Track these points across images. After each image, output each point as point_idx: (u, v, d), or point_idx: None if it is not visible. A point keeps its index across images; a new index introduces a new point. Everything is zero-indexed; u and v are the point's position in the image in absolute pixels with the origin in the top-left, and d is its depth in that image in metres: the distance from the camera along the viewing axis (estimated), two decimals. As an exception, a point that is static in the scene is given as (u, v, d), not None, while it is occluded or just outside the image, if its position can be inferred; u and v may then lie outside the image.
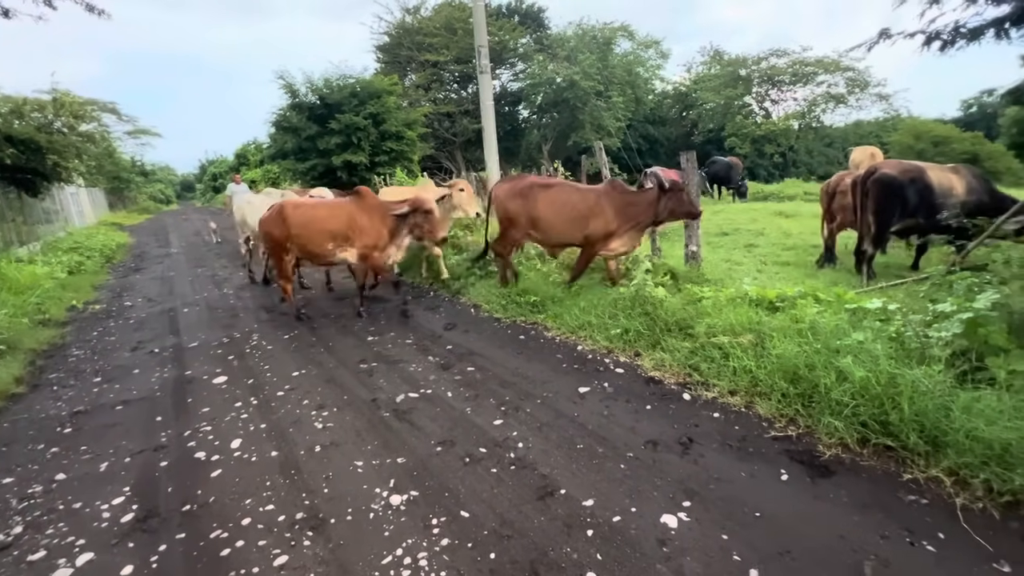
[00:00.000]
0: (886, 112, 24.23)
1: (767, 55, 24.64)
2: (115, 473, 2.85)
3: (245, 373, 4.21)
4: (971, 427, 2.23)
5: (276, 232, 5.36)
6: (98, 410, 3.69)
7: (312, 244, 5.31)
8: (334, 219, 5.27)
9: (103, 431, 3.36)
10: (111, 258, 11.75)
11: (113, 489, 2.69)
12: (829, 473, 2.40)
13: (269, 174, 25.33)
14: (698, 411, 3.06)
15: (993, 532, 1.97)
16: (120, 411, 3.66)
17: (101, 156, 14.52)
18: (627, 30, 27.90)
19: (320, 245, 5.30)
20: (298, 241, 5.32)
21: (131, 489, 2.68)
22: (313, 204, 5.65)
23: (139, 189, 38.02)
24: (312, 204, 5.65)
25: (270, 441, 3.08)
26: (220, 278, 8.61)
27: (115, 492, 2.66)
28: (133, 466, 2.91)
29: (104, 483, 2.75)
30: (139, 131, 17.33)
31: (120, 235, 16.49)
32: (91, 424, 3.47)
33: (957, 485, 2.20)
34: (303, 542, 2.20)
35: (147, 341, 5.31)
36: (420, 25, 25.00)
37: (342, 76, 14.13)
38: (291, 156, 14.30)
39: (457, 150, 26.47)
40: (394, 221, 5.16)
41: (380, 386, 3.78)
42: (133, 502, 2.56)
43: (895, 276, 5.73)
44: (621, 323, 4.18)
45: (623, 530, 2.14)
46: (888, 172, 5.28)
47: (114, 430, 3.37)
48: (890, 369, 2.60)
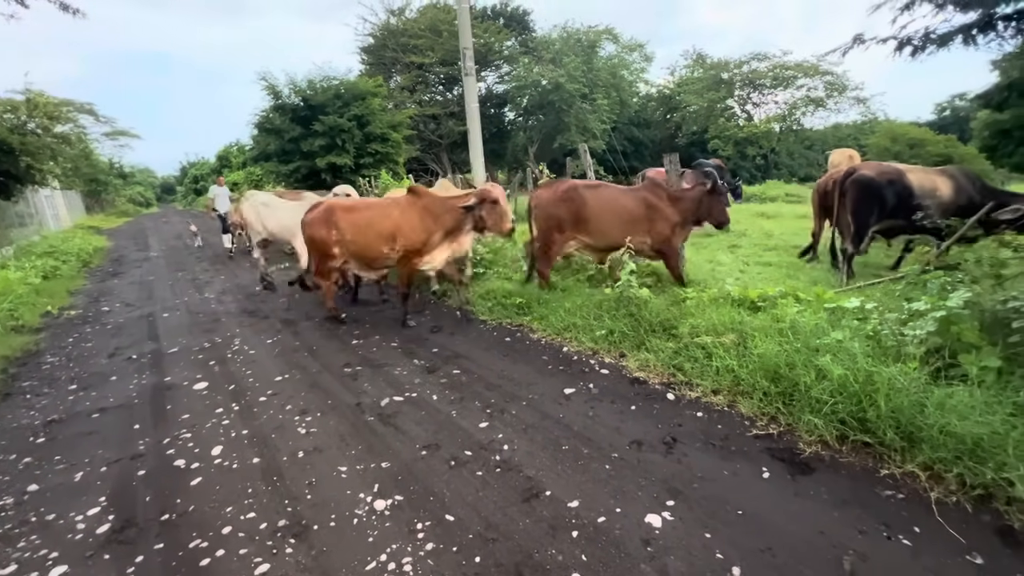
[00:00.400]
0: (863, 115, 24.83)
1: (748, 59, 25.08)
2: (91, 483, 2.78)
3: (226, 379, 4.15)
4: (945, 423, 2.29)
5: (323, 234, 5.00)
6: (73, 418, 3.60)
7: (367, 247, 4.97)
8: (388, 219, 4.90)
9: (78, 440, 3.28)
10: (88, 262, 11.48)
11: (88, 499, 2.62)
12: (809, 470, 2.44)
13: (252, 176, 25.00)
14: (682, 411, 3.09)
15: (966, 525, 2.02)
16: (96, 419, 3.57)
17: (77, 158, 14.18)
18: (611, 33, 28.14)
19: (375, 248, 4.95)
20: (351, 246, 4.98)
21: (107, 499, 2.61)
22: (366, 204, 5.33)
23: (117, 192, 37.19)
24: (364, 204, 5.33)
25: (252, 447, 3.03)
26: (201, 282, 8.46)
27: (90, 502, 2.59)
28: (109, 475, 2.84)
29: (79, 493, 2.68)
30: (117, 132, 17.00)
31: (97, 239, 16.12)
32: (66, 433, 3.39)
33: (932, 479, 2.25)
34: (285, 550, 2.17)
35: (125, 347, 5.20)
36: (405, 27, 24.91)
37: (326, 77, 14.04)
38: (274, 158, 14.15)
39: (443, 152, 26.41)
40: (459, 215, 4.77)
41: (365, 390, 3.74)
42: (109, 512, 2.50)
43: (873, 275, 5.86)
44: (606, 324, 4.21)
45: (608, 530, 2.15)
46: (866, 173, 5.39)
47: (90, 439, 3.28)
48: (867, 367, 2.65)
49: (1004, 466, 2.09)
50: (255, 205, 7.39)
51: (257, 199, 7.49)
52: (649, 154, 29.49)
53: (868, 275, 5.88)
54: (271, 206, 7.28)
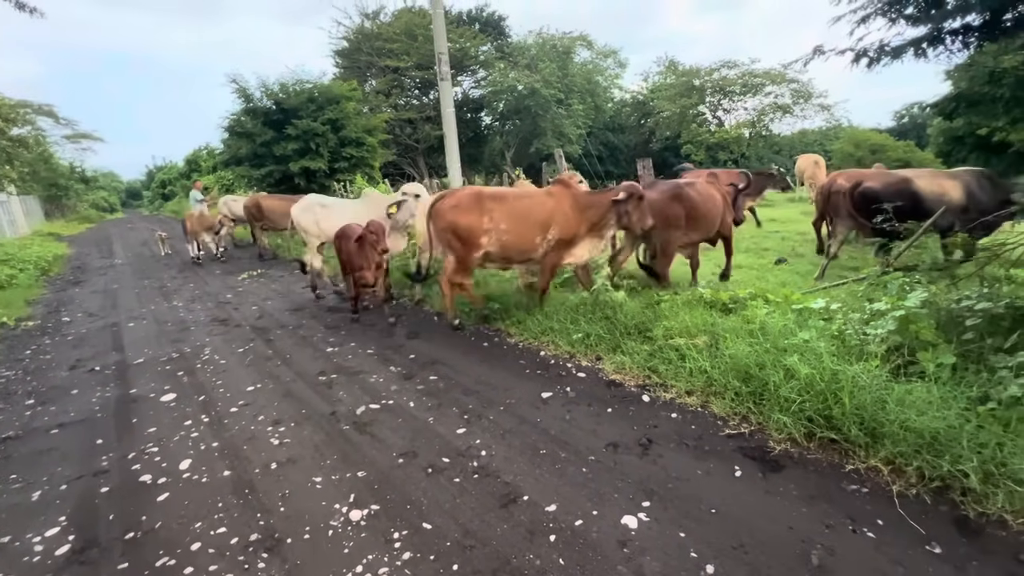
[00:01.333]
0: (828, 122, 25.70)
1: (719, 66, 25.72)
2: (49, 502, 2.66)
3: (196, 390, 4.03)
4: (905, 418, 2.39)
5: (473, 221, 4.55)
6: (30, 435, 3.44)
7: (521, 237, 4.64)
8: (544, 208, 4.67)
9: (36, 457, 3.13)
10: (47, 271, 11.00)
11: (47, 519, 2.50)
12: (779, 467, 2.51)
13: (223, 180, 24.40)
14: (657, 412, 3.14)
15: (925, 516, 2.11)
16: (56, 435, 3.42)
17: (35, 162, 13.65)
18: (586, 40, 28.55)
19: (529, 238, 4.65)
20: (504, 235, 4.61)
21: (67, 519, 2.50)
22: (513, 192, 5.06)
23: (79, 197, 35.76)
24: (512, 192, 5.06)
25: (222, 460, 2.95)
26: (169, 290, 8.21)
27: (49, 523, 2.48)
28: (70, 494, 2.72)
29: (37, 513, 2.56)
30: (79, 135, 16.44)
31: (58, 246, 15.46)
32: (22, 450, 3.23)
33: (893, 473, 2.34)
34: (257, 564, 2.12)
35: (87, 359, 5.00)
36: (380, 30, 24.76)
37: (299, 81, 13.85)
38: (245, 162, 13.87)
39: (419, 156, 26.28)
40: (606, 208, 4.67)
41: (340, 398, 3.69)
42: (69, 533, 2.40)
43: (838, 276, 6.07)
44: (582, 328, 4.24)
45: (585, 533, 2.16)
46: (871, 185, 5.47)
47: (49, 456, 3.14)
48: (832, 366, 2.75)
49: (959, 458, 2.19)
50: (310, 207, 6.74)
51: (312, 201, 6.90)
52: (624, 159, 29.93)
53: (833, 276, 6.09)
54: (330, 207, 6.71)
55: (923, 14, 2.73)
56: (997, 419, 2.29)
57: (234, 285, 8.25)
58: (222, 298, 7.32)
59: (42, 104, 12.97)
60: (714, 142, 25.26)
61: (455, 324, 5.00)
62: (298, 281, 8.26)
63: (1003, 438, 2.20)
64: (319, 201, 6.94)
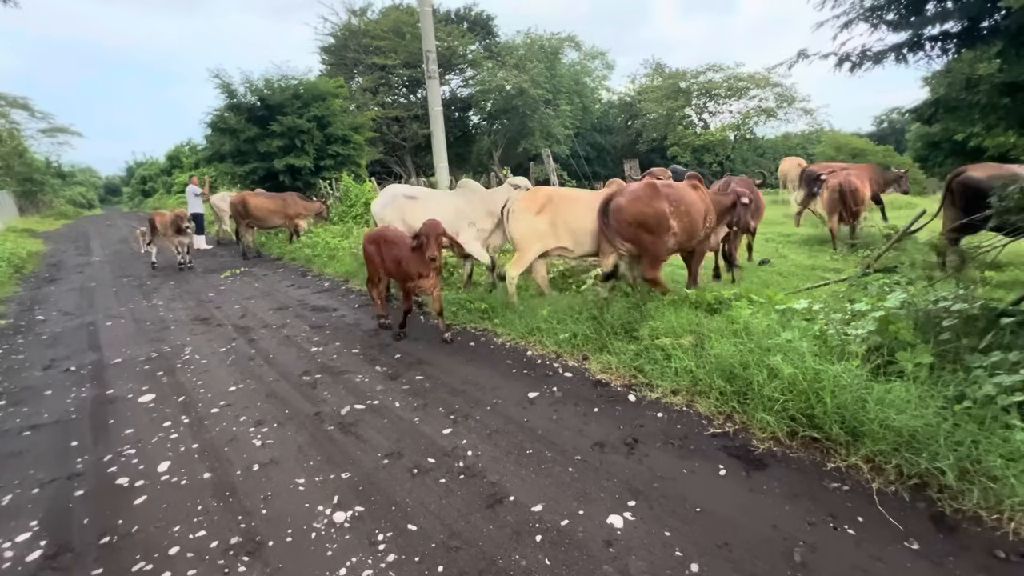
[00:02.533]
0: (811, 126, 26.19)
1: (704, 70, 26.05)
2: (21, 506, 2.57)
3: (175, 390, 3.94)
4: (884, 417, 2.43)
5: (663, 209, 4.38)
6: (1, 437, 3.33)
7: (693, 226, 4.63)
8: (702, 200, 4.76)
9: (6, 460, 3.03)
10: (20, 268, 10.67)
11: (18, 524, 2.43)
12: (763, 466, 2.54)
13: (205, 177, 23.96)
14: (643, 412, 3.16)
15: (904, 513, 2.15)
16: (28, 437, 3.32)
17: (9, 156, 13.27)
18: (574, 41, 28.65)
19: (698, 228, 4.70)
20: (684, 225, 4.53)
21: (40, 523, 2.43)
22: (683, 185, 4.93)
23: (55, 192, 34.83)
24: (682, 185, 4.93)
25: (203, 462, 2.89)
26: (148, 288, 8.03)
27: (20, 527, 2.40)
28: (42, 498, 2.64)
29: (7, 518, 2.48)
30: (56, 129, 16.04)
31: (32, 242, 15.05)
32: (-8, 453, 3.13)
33: (873, 471, 2.38)
34: (238, 568, 2.08)
35: (62, 358, 4.86)
36: (367, 28, 24.56)
37: (284, 77, 13.65)
38: (229, 159, 13.62)
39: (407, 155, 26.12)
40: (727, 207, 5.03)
41: (324, 399, 3.64)
42: (42, 538, 2.32)
43: (820, 278, 6.17)
44: (569, 327, 4.25)
45: (571, 533, 2.16)
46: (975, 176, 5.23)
47: (20, 459, 3.05)
48: (815, 365, 2.79)
49: (936, 456, 2.23)
50: (394, 199, 6.00)
51: (397, 192, 6.17)
52: (611, 159, 30.13)
53: (815, 278, 6.19)
54: (420, 198, 6.03)
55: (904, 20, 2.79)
56: (972, 417, 2.34)
57: (216, 284, 8.10)
58: (203, 297, 7.19)
59: (16, 96, 12.64)
60: (700, 144, 25.56)
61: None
62: (281, 280, 8.15)
63: (978, 436, 2.25)
64: (405, 192, 6.13)
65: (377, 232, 4.93)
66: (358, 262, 7.83)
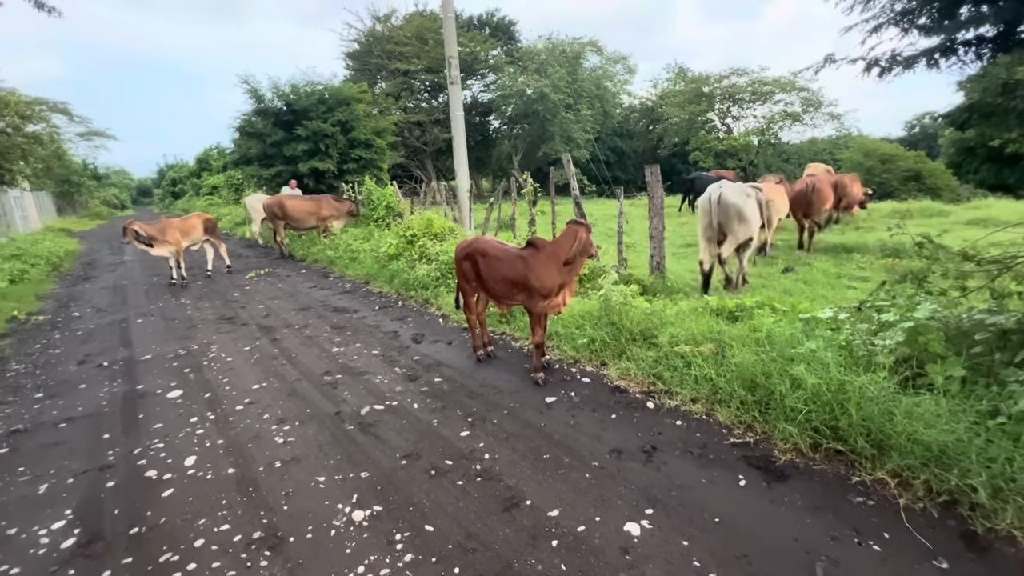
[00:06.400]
0: (838, 130, 25.54)
1: (728, 74, 25.66)
2: (56, 495, 2.68)
3: (202, 387, 4.05)
4: (912, 431, 2.36)
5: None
6: (39, 428, 3.48)
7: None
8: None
9: (44, 451, 3.16)
10: (58, 266, 11.13)
11: (53, 512, 2.53)
12: (784, 477, 2.49)
13: (232, 180, 24.63)
14: (661, 419, 3.13)
15: (933, 530, 2.08)
16: (63, 429, 3.46)
17: (49, 158, 13.81)
18: (596, 45, 28.61)
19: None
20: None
21: (73, 512, 2.53)
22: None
23: (91, 193, 36.19)
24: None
25: (227, 457, 2.97)
26: (177, 287, 8.27)
27: (55, 516, 2.50)
28: (76, 487, 2.75)
29: (43, 506, 2.58)
30: (92, 133, 16.63)
31: (69, 241, 15.66)
32: (30, 443, 3.27)
33: (900, 486, 2.31)
34: (260, 562, 2.13)
35: (95, 354, 5.04)
36: (391, 34, 24.96)
37: (310, 82, 13.95)
38: (255, 162, 13.97)
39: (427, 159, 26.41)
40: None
41: (344, 399, 3.70)
42: (75, 526, 2.42)
43: (846, 286, 6.02)
44: (588, 333, 4.23)
45: (587, 539, 2.16)
46: None
47: (56, 449, 3.17)
48: (839, 376, 2.72)
49: (968, 473, 2.16)
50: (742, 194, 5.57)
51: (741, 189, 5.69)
52: (632, 164, 29.93)
53: (841, 285, 6.05)
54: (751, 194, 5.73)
55: (936, 25, 2.72)
56: (1007, 433, 2.26)
57: (241, 284, 8.30)
58: (229, 296, 7.38)
59: (57, 102, 13.12)
60: (722, 149, 25.19)
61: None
62: (304, 281, 8.31)
63: (1013, 453, 2.17)
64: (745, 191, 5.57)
65: (471, 244, 4.04)
66: (379, 264, 7.95)
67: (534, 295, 3.61)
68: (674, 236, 10.80)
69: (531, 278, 3.57)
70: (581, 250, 3.55)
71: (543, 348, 3.89)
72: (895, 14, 2.79)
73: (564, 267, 3.55)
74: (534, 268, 3.57)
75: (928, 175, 17.08)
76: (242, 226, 16.27)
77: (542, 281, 3.55)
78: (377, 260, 8.14)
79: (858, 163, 18.09)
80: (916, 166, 17.28)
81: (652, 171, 5.51)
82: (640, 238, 9.10)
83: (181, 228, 8.42)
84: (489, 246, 3.92)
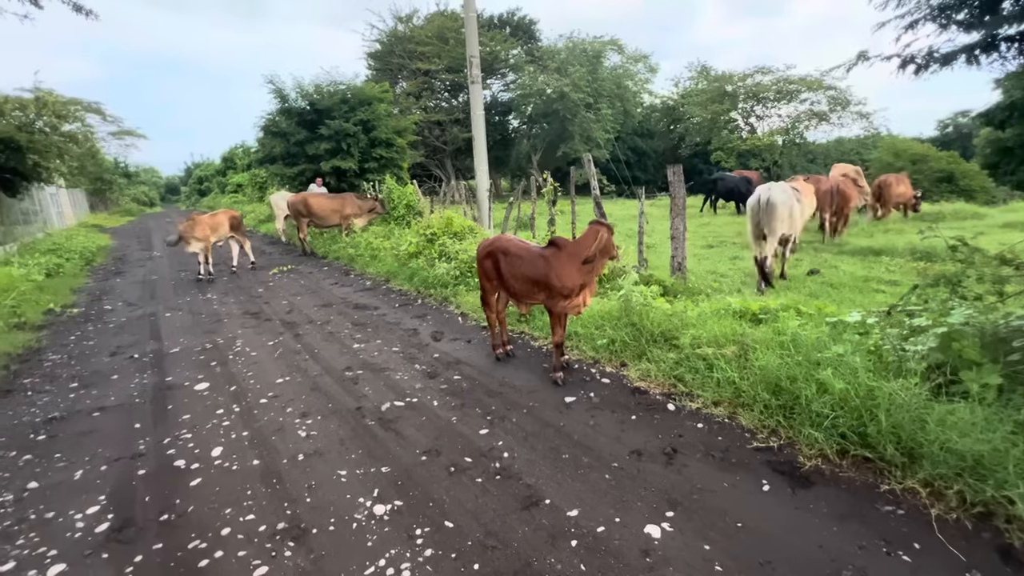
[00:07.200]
0: (866, 130, 24.89)
1: (752, 72, 25.20)
2: (90, 481, 2.78)
3: (228, 380, 4.15)
4: (945, 439, 2.29)
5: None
6: (74, 417, 3.61)
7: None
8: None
9: (79, 438, 3.28)
10: (91, 261, 11.52)
11: (88, 498, 2.62)
12: (809, 484, 2.44)
13: (256, 178, 25.15)
14: (682, 421, 3.09)
15: (966, 542, 2.02)
16: (97, 418, 3.58)
17: (83, 156, 14.27)
18: (617, 44, 28.42)
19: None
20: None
21: (107, 498, 2.61)
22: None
23: (122, 191, 37.39)
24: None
25: (252, 449, 3.03)
26: (203, 282, 8.48)
27: (90, 501, 2.59)
28: (109, 474, 2.84)
29: (79, 492, 2.68)
30: (123, 132, 17.10)
31: (101, 237, 16.18)
32: (66, 431, 3.39)
33: (932, 496, 2.25)
34: (284, 552, 2.17)
35: (127, 346, 5.21)
36: (412, 34, 25.17)
37: (333, 82, 14.14)
38: (279, 161, 14.22)
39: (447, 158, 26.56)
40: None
41: (365, 394, 3.75)
42: (108, 511, 2.50)
43: (874, 290, 5.87)
44: (607, 333, 4.21)
45: (607, 540, 2.15)
46: None
47: (90, 437, 3.29)
48: (868, 382, 2.66)
49: (1005, 484, 2.09)
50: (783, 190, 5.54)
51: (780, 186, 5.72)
52: (652, 164, 29.64)
53: (869, 289, 5.90)
54: (788, 191, 5.69)
55: (977, 20, 2.62)
56: (1047, 444, 2.17)
57: (265, 280, 8.48)
58: (254, 292, 7.54)
59: (91, 102, 13.53)
60: (745, 149, 24.76)
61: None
62: (326, 278, 8.44)
63: (1053, 465, 2.09)
64: (782, 187, 5.60)
65: (493, 243, 4.04)
66: (399, 262, 8.03)
67: (555, 295, 3.60)
68: (695, 237, 10.68)
69: (552, 277, 3.55)
70: (602, 250, 3.52)
71: (563, 348, 3.87)
72: (932, 9, 2.70)
73: (584, 266, 3.52)
74: (555, 267, 3.55)
75: (962, 176, 16.51)
76: (266, 223, 16.61)
77: (563, 281, 3.53)
78: (397, 258, 8.23)
79: (887, 163, 17.59)
80: (949, 167, 16.72)
81: (674, 170, 5.45)
82: (660, 239, 9.02)
83: (210, 224, 8.64)
84: (511, 245, 3.90)
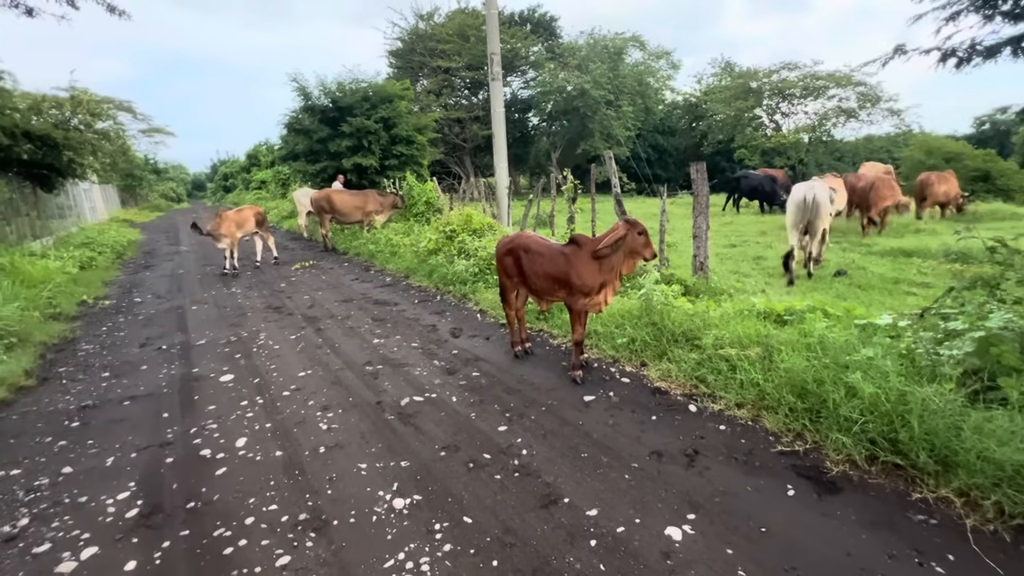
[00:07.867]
0: (897, 127, 24.06)
1: (778, 68, 24.60)
2: (121, 468, 2.86)
3: (251, 372, 4.24)
4: (982, 448, 2.20)
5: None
6: (105, 405, 3.72)
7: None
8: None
9: (110, 426, 3.38)
10: (122, 254, 11.87)
11: (119, 484, 2.70)
12: (836, 490, 2.38)
13: (280, 175, 25.61)
14: (704, 423, 3.04)
15: (1004, 555, 1.94)
16: (127, 406, 3.69)
17: (115, 153, 14.69)
18: (638, 40, 28.07)
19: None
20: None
21: (136, 484, 2.69)
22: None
23: (151, 187, 38.47)
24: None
25: (275, 441, 3.09)
26: (228, 277, 8.67)
27: (120, 487, 2.67)
28: (139, 462, 2.92)
29: (110, 478, 2.77)
30: (153, 130, 17.56)
31: (131, 232, 16.67)
32: (98, 419, 3.50)
33: (967, 506, 2.16)
34: (305, 543, 2.20)
35: (155, 338, 5.35)
36: (433, 31, 25.27)
37: (354, 80, 14.28)
38: (302, 158, 14.44)
39: (466, 156, 26.62)
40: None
41: (385, 389, 3.78)
42: (138, 497, 2.57)
43: (904, 292, 5.69)
44: (628, 333, 4.17)
45: (627, 541, 2.12)
46: None
47: (121, 425, 3.39)
48: (900, 386, 2.57)
49: (1046, 496, 2.00)
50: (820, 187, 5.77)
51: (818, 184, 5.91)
52: (673, 162, 29.23)
53: (900, 291, 5.72)
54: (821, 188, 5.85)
55: (1024, 11, 2.51)
56: (1093, 456, 2.07)
57: (288, 275, 8.62)
58: (276, 287, 7.67)
59: (122, 100, 13.93)
60: (770, 147, 24.21)
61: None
62: (346, 274, 8.55)
63: (1100, 477, 1.99)
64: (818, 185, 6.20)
65: (514, 240, 4.03)
66: (418, 259, 8.08)
67: (575, 292, 3.58)
68: (718, 236, 10.51)
69: (572, 275, 3.54)
70: (631, 250, 3.49)
71: (582, 346, 3.85)
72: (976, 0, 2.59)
73: (605, 264, 3.50)
74: (576, 265, 3.54)
75: (999, 175, 15.84)
76: (288, 219, 16.89)
77: (583, 279, 3.52)
78: (417, 255, 8.28)
79: (919, 161, 17.00)
80: (985, 165, 16.06)
81: (697, 168, 5.36)
82: (681, 237, 8.88)
83: (236, 220, 8.83)
84: (532, 242, 3.89)
